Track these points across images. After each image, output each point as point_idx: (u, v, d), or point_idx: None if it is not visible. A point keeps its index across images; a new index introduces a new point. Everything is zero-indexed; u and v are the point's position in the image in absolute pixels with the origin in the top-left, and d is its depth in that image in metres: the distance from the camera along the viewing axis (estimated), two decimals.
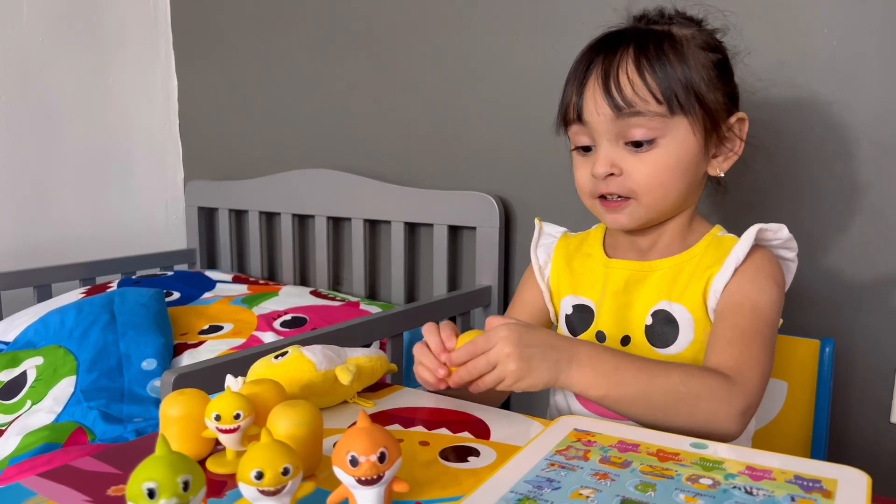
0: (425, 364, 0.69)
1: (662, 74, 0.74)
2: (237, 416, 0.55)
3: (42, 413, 1.04)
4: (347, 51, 1.59)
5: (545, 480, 0.51)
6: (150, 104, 1.90)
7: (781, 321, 0.77)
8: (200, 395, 0.58)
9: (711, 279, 0.76)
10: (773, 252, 0.79)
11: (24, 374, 1.14)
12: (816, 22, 1.04)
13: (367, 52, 1.56)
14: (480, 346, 0.66)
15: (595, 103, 0.76)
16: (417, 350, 0.71)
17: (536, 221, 0.96)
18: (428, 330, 0.71)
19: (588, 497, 0.48)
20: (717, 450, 0.55)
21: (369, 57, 1.55)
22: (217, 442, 0.58)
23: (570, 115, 0.79)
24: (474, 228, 1.39)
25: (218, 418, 0.55)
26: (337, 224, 1.66)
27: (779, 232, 0.77)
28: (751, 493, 0.48)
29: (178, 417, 0.57)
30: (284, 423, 0.54)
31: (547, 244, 0.92)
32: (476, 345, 0.66)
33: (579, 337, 0.84)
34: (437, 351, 0.69)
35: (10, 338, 1.28)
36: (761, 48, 1.07)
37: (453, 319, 1.39)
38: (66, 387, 1.08)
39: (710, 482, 0.50)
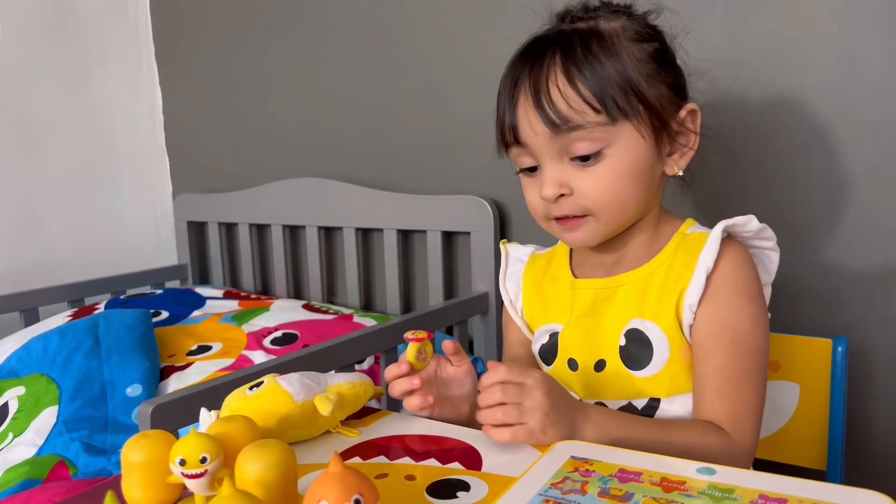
0: (397, 383, 0.69)
1: (595, 80, 0.68)
2: (203, 460, 0.51)
3: (23, 446, 1.00)
4: (334, 56, 1.54)
5: None
6: (134, 119, 1.85)
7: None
8: (165, 437, 0.54)
9: (683, 294, 0.70)
10: (749, 245, 0.74)
11: (5, 406, 1.10)
12: (815, 4, 0.99)
13: (353, 57, 1.51)
14: (517, 376, 0.61)
15: (529, 123, 0.70)
16: (388, 371, 0.70)
17: (502, 245, 0.90)
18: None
19: None
20: (725, 475, 0.51)
21: (356, 62, 1.51)
22: (185, 487, 0.54)
23: (507, 137, 0.74)
24: (469, 234, 1.34)
25: (183, 462, 0.51)
26: (329, 234, 1.61)
27: (748, 224, 0.71)
28: None
29: (141, 463, 0.52)
30: (253, 466, 0.50)
31: (515, 272, 0.87)
32: (513, 372, 0.61)
33: (552, 367, 0.80)
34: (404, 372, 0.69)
35: None
36: (758, 35, 1.03)
37: (450, 329, 1.35)
38: (48, 417, 1.04)
39: None
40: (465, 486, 0.55)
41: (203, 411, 0.63)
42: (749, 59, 1.03)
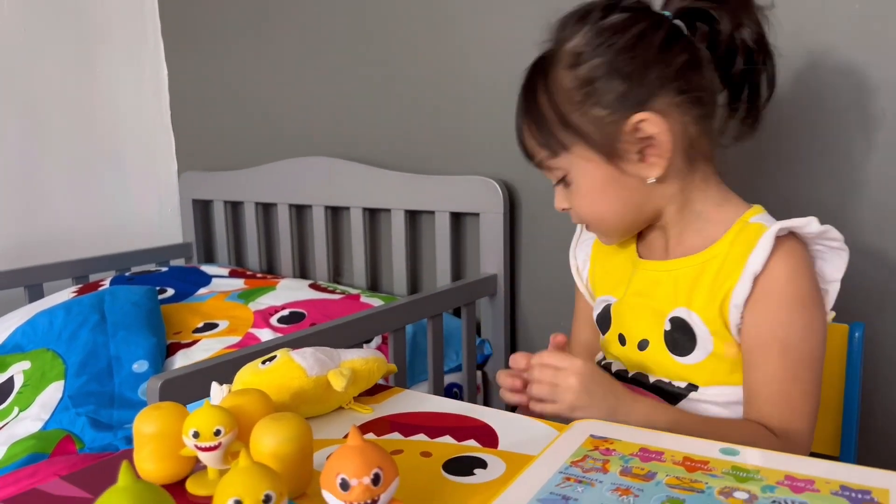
0: (504, 381, 0.72)
1: (536, 119, 0.73)
2: (217, 433, 0.50)
3: (29, 421, 1.00)
4: (342, 34, 1.52)
5: (560, 498, 0.45)
6: (139, 94, 1.83)
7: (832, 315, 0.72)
8: (178, 410, 0.53)
9: (730, 294, 0.69)
10: (813, 244, 0.71)
11: (11, 380, 1.09)
12: None
13: (361, 34, 1.49)
14: (556, 361, 0.66)
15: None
16: (500, 374, 0.73)
17: None
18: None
19: None
20: (749, 456, 0.50)
21: (364, 39, 1.49)
22: (198, 460, 0.53)
23: None
24: (478, 215, 1.33)
25: (196, 435, 0.50)
26: (336, 214, 1.60)
27: (806, 227, 0.68)
28: None
29: (154, 435, 0.51)
30: (269, 440, 0.49)
31: (586, 241, 0.89)
32: (553, 357, 0.66)
33: (605, 336, 0.82)
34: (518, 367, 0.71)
35: None
36: (775, 14, 1.01)
37: (458, 311, 1.34)
38: (53, 392, 1.04)
39: (745, 496, 0.44)
40: (482, 464, 0.54)
41: (214, 385, 0.62)
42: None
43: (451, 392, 1.26)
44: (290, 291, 1.36)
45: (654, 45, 0.69)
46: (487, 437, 0.59)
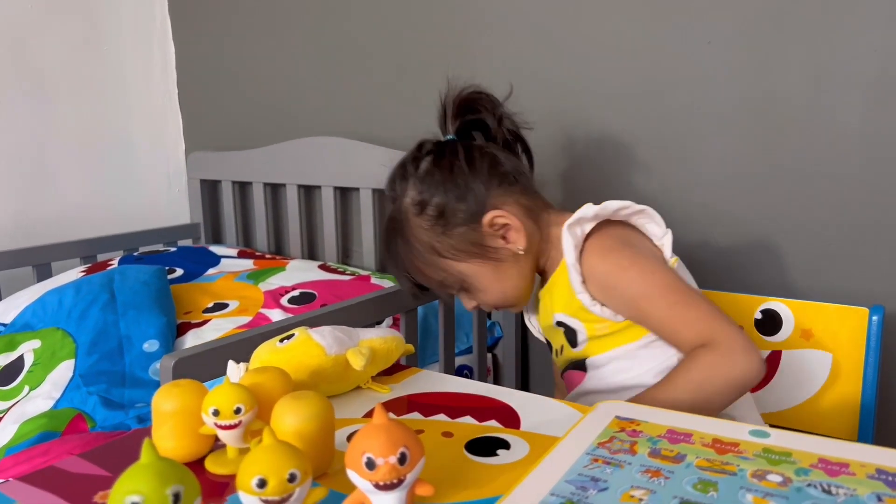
0: None
1: (419, 265, 0.85)
2: (237, 411, 0.49)
3: (40, 399, 0.99)
4: (351, 11, 1.50)
5: (589, 480, 0.44)
6: (147, 74, 1.81)
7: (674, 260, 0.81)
8: (197, 387, 0.52)
9: (572, 286, 0.80)
10: (631, 220, 0.82)
11: (21, 359, 1.08)
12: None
13: (372, 13, 1.47)
14: None
15: None
16: None
17: None
18: None
19: (641, 500, 0.42)
20: (780, 438, 0.49)
21: (375, 18, 1.47)
22: (217, 438, 0.52)
23: None
24: None
25: (216, 413, 0.49)
26: (345, 194, 1.59)
27: (586, 215, 0.79)
28: (829, 492, 0.42)
29: (173, 412, 0.51)
30: (291, 418, 0.48)
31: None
32: None
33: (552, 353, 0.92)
34: None
35: (7, 319, 1.22)
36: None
37: None
38: (64, 371, 1.03)
39: (779, 479, 0.44)
40: (505, 445, 0.53)
41: (231, 363, 0.61)
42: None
43: (462, 374, 1.25)
44: (299, 272, 1.35)
45: (464, 165, 0.84)
46: (509, 417, 0.58)
